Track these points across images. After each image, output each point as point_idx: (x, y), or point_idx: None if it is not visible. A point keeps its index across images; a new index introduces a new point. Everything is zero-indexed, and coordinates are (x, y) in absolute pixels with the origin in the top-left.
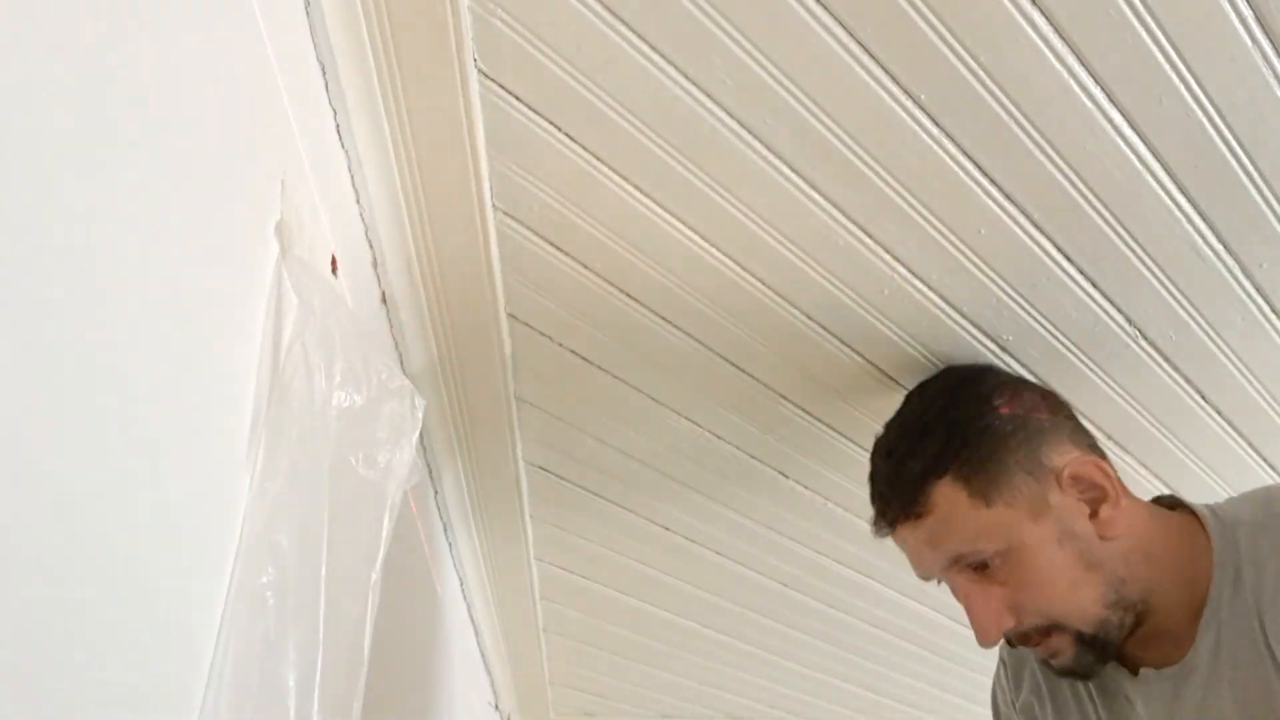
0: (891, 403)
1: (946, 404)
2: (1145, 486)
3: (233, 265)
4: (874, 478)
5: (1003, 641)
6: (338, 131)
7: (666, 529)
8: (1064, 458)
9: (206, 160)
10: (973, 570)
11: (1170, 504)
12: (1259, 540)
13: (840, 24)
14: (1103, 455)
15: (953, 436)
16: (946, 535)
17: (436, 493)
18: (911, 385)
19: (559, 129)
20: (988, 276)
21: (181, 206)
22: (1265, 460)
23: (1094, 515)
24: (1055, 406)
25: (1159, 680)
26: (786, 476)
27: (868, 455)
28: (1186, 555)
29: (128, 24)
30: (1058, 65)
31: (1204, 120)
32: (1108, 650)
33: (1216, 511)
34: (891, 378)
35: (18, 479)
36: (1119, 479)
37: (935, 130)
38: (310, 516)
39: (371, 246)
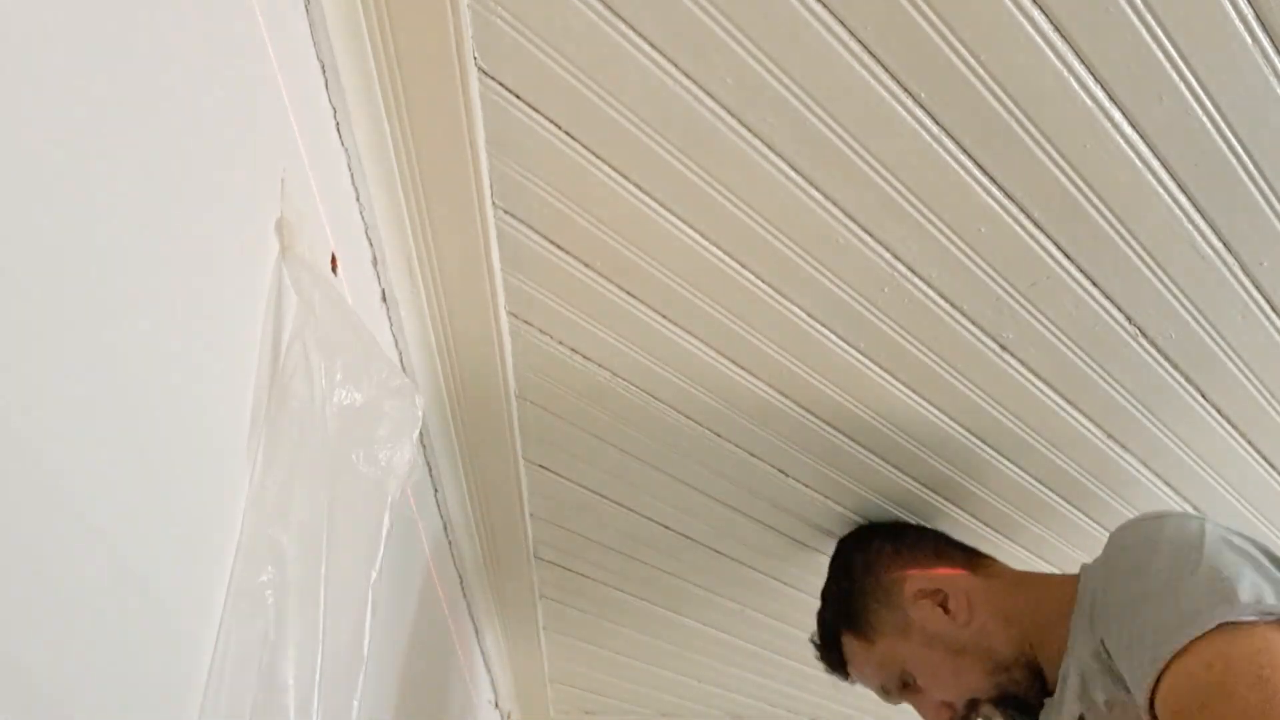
0: (897, 405)
1: (828, 579)
2: (1146, 486)
3: (232, 263)
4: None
5: None
6: (337, 130)
7: (666, 527)
8: (905, 580)
9: (206, 158)
10: (904, 688)
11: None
12: (1098, 572)
13: (840, 22)
14: (944, 555)
15: (834, 603)
16: (863, 676)
17: (437, 491)
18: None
19: (559, 127)
20: (988, 275)
21: (181, 204)
22: (1265, 460)
23: (946, 611)
24: (899, 539)
25: (1045, 711)
26: (786, 475)
27: (866, 451)
28: (1052, 608)
29: (127, 22)
30: (1058, 64)
31: (1204, 119)
32: (1027, 699)
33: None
34: (889, 372)
35: (16, 478)
36: (968, 564)
37: (935, 129)
38: (310, 514)
39: (371, 245)
